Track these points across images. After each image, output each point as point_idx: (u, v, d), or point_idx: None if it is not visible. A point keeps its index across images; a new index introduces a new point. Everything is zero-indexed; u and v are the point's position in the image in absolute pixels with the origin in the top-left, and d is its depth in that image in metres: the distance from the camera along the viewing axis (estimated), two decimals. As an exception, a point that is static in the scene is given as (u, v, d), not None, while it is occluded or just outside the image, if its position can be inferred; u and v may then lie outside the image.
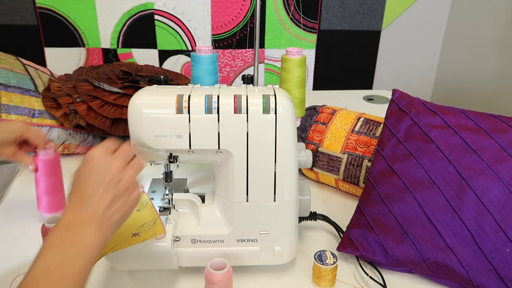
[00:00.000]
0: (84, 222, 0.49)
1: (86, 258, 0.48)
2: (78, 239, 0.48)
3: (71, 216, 0.49)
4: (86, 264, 0.48)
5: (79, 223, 0.49)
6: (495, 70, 1.41)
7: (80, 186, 0.51)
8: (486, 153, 0.68)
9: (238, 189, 0.65)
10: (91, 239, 0.49)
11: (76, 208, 0.50)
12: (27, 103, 1.01)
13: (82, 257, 0.48)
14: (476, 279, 0.64)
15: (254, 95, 0.63)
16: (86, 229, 0.49)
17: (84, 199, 0.50)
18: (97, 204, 0.50)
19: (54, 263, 0.46)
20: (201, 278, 0.68)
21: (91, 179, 0.51)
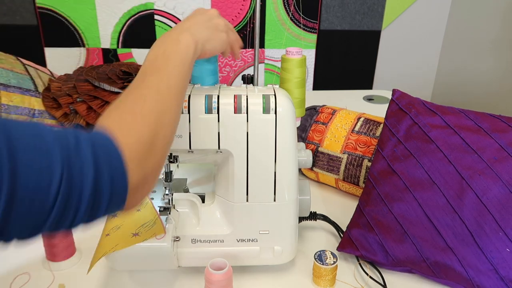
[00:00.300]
0: (181, 32, 0.55)
1: (187, 53, 0.54)
2: (179, 38, 0.54)
3: (171, 30, 0.56)
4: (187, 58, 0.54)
5: (177, 33, 0.55)
6: (495, 70, 1.41)
7: (181, 22, 0.58)
8: (486, 153, 0.68)
9: (238, 189, 0.65)
10: (189, 41, 0.55)
11: (177, 26, 0.57)
12: (27, 103, 1.01)
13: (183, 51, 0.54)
14: (476, 279, 0.64)
15: (254, 95, 0.64)
16: (182, 37, 0.55)
17: (184, 27, 0.56)
18: (195, 29, 0.57)
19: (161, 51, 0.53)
20: (201, 278, 0.68)
21: (193, 16, 0.59)
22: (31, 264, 0.71)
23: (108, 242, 0.61)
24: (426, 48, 1.66)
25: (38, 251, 0.72)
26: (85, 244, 0.75)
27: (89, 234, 0.76)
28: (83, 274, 0.69)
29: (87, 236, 0.76)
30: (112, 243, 0.60)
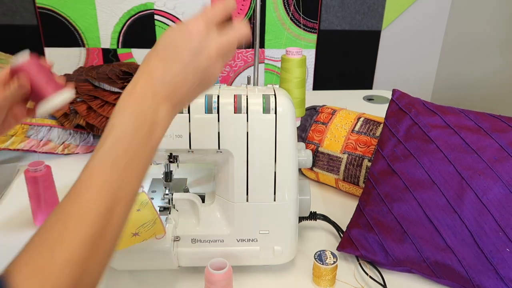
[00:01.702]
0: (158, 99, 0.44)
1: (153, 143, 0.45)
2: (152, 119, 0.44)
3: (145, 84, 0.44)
4: (151, 152, 0.45)
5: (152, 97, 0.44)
6: (495, 70, 1.41)
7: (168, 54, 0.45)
8: (486, 153, 0.68)
9: (238, 189, 0.65)
10: (162, 121, 0.45)
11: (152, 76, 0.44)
12: (27, 103, 1.01)
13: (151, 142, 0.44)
14: (476, 279, 0.64)
15: (254, 95, 0.64)
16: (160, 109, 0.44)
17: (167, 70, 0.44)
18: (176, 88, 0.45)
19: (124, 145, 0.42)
20: (201, 278, 0.68)
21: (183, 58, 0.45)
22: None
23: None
24: (426, 48, 1.66)
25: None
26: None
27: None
28: (83, 274, 0.69)
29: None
30: (112, 243, 0.60)
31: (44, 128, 1.01)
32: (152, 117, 0.44)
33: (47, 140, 1.02)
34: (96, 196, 0.40)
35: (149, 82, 0.44)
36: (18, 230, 0.80)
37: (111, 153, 0.42)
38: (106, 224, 0.40)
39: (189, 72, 0.45)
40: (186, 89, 0.46)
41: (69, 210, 0.40)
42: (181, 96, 0.46)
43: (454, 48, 1.60)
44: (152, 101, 0.44)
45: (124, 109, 0.44)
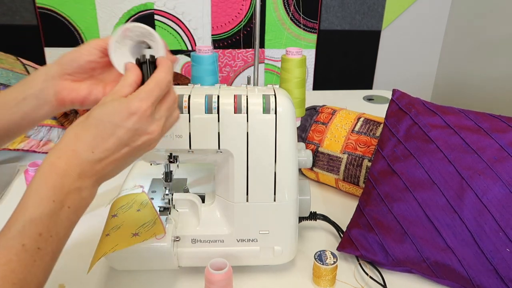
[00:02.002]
0: (83, 178, 0.42)
1: (74, 221, 0.43)
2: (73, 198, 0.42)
3: (71, 162, 0.42)
4: (70, 229, 0.43)
5: (77, 176, 0.42)
6: (495, 70, 1.41)
7: (99, 130, 0.43)
8: (486, 153, 0.68)
9: (238, 189, 0.65)
10: (84, 201, 0.43)
11: (80, 154, 0.42)
12: (27, 103, 1.01)
13: (71, 221, 0.42)
14: (476, 279, 0.64)
15: (254, 95, 0.63)
16: (83, 189, 0.43)
17: (97, 149, 0.43)
18: (108, 164, 0.44)
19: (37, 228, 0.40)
20: (201, 278, 0.68)
21: (120, 134, 0.43)
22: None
23: (108, 242, 0.61)
24: (426, 48, 1.66)
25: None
26: (84, 244, 0.75)
27: (89, 234, 0.77)
28: (83, 274, 0.69)
29: (87, 236, 0.76)
30: (112, 243, 0.60)
31: (44, 128, 1.01)
32: (73, 198, 0.42)
33: (47, 140, 1.02)
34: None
35: (75, 159, 0.42)
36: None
37: (22, 237, 0.39)
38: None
39: (124, 151, 0.44)
40: (116, 166, 0.45)
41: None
42: (109, 173, 0.45)
43: (454, 48, 1.60)
44: (76, 182, 0.42)
45: (41, 187, 0.41)
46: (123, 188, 0.74)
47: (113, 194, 0.77)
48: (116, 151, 0.44)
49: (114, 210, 0.68)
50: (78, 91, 0.54)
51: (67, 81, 0.54)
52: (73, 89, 0.54)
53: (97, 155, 0.43)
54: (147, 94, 0.45)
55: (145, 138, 0.45)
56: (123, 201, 0.70)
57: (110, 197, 0.73)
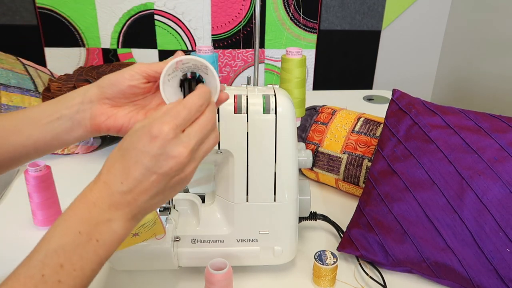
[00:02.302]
0: (114, 210, 0.41)
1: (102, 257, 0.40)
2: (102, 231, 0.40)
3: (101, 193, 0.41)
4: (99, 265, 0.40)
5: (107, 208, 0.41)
6: (495, 70, 1.41)
7: (126, 159, 0.41)
8: (486, 153, 0.68)
9: (238, 189, 0.65)
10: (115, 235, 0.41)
11: (110, 185, 0.41)
12: (27, 103, 1.01)
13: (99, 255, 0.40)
14: (476, 279, 0.64)
15: (254, 95, 0.63)
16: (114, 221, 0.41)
17: (125, 180, 0.41)
18: (138, 195, 0.41)
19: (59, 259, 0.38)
20: (201, 278, 0.68)
21: (145, 161, 0.40)
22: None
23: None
24: (426, 48, 1.66)
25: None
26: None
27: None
28: (83, 274, 0.69)
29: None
30: (112, 243, 0.60)
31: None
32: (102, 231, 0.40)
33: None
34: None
35: (106, 190, 0.41)
36: (18, 230, 0.80)
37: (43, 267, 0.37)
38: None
39: (152, 179, 0.41)
40: (149, 197, 0.42)
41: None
42: (142, 205, 0.42)
43: (454, 48, 1.60)
44: (105, 214, 0.40)
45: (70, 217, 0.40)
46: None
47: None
48: (144, 180, 0.41)
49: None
50: (115, 119, 0.51)
51: (106, 106, 0.51)
52: (111, 115, 0.51)
53: (126, 185, 0.41)
54: (169, 116, 0.41)
55: (172, 163, 0.41)
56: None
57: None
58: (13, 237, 0.78)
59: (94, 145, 1.07)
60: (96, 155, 1.07)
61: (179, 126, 0.41)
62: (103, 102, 0.51)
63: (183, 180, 0.44)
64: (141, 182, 0.41)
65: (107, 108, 0.51)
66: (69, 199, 0.92)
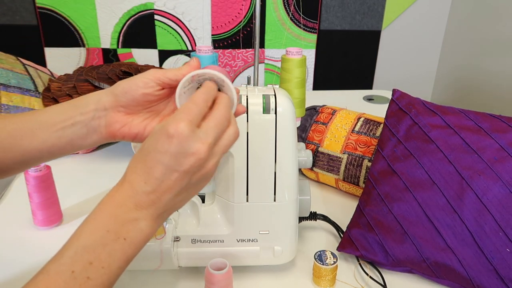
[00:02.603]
0: (139, 209, 0.42)
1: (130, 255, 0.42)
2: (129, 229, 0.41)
3: (126, 193, 0.42)
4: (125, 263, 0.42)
5: (133, 207, 0.42)
6: (495, 70, 1.41)
7: (147, 160, 0.42)
8: (486, 153, 0.68)
9: (238, 189, 0.65)
10: (141, 233, 0.42)
11: (134, 185, 0.42)
12: (27, 103, 1.01)
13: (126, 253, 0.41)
14: (476, 279, 0.64)
15: (254, 95, 0.63)
16: (140, 220, 0.42)
17: (148, 180, 0.42)
18: (161, 194, 0.42)
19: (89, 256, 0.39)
20: (201, 278, 0.68)
21: (164, 160, 0.41)
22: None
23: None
24: (426, 48, 1.66)
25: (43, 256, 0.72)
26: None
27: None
28: (83, 274, 0.69)
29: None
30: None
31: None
32: (129, 230, 0.41)
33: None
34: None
35: (131, 190, 0.42)
36: (18, 230, 0.80)
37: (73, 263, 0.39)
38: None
39: (174, 177, 0.42)
40: (173, 195, 0.43)
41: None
42: (168, 204, 0.43)
43: (454, 48, 1.60)
44: (132, 213, 0.42)
45: (98, 216, 0.41)
46: (123, 188, 0.74)
47: (113, 194, 0.77)
48: (166, 179, 0.42)
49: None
50: (130, 127, 0.51)
51: (120, 114, 0.51)
52: (126, 123, 0.51)
53: (150, 185, 0.42)
54: (184, 114, 0.42)
55: (192, 160, 0.42)
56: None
57: (110, 197, 0.73)
58: (13, 237, 0.78)
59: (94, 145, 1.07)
60: (96, 155, 1.07)
61: (192, 121, 0.42)
62: (117, 110, 0.51)
63: (205, 176, 0.44)
64: (163, 181, 0.42)
65: (122, 116, 0.51)
66: (69, 199, 0.93)
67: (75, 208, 0.85)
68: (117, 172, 1.00)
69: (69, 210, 0.85)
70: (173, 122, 0.41)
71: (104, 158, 1.04)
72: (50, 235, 0.78)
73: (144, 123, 0.52)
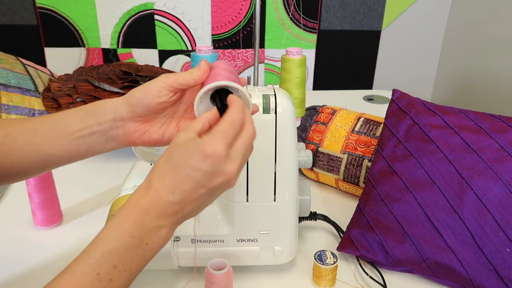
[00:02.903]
0: (164, 217, 0.43)
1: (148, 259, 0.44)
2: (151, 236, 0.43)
3: (153, 201, 0.43)
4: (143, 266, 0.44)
5: (158, 215, 0.43)
6: (495, 70, 1.41)
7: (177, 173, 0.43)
8: (486, 153, 0.68)
9: (238, 189, 0.65)
10: (162, 240, 0.44)
11: (162, 195, 0.43)
12: (27, 103, 1.01)
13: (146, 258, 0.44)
14: (476, 279, 0.64)
15: (254, 95, 0.63)
16: (162, 228, 0.44)
17: (176, 191, 0.43)
18: (186, 205, 0.44)
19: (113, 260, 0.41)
20: (201, 278, 0.68)
21: (196, 176, 0.43)
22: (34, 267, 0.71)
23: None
24: (426, 48, 1.66)
25: (44, 258, 0.72)
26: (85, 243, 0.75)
27: (90, 234, 0.76)
28: (83, 274, 0.69)
29: (87, 236, 0.76)
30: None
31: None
32: (151, 236, 0.43)
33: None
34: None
35: (157, 199, 0.43)
36: (18, 230, 0.80)
37: (99, 266, 0.41)
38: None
39: (201, 192, 0.44)
40: (195, 206, 0.45)
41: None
42: (188, 214, 0.45)
43: (454, 48, 1.60)
44: (156, 221, 0.43)
45: (124, 222, 0.43)
46: (123, 188, 0.74)
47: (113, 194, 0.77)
48: (194, 193, 0.44)
49: (114, 210, 0.68)
50: (150, 134, 0.53)
51: (138, 123, 0.53)
52: (144, 132, 0.53)
53: (177, 197, 0.43)
54: (221, 135, 0.43)
55: (222, 179, 0.44)
56: (123, 201, 0.70)
57: (110, 197, 0.73)
58: (13, 237, 0.78)
59: (94, 145, 1.07)
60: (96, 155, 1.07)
61: (230, 145, 0.44)
62: (134, 120, 0.52)
63: (226, 189, 0.46)
64: (191, 194, 0.44)
65: (140, 125, 0.53)
66: (69, 199, 0.92)
67: (75, 208, 0.85)
68: (117, 172, 1.00)
69: (69, 210, 0.85)
70: (212, 143, 0.42)
71: (104, 158, 1.04)
72: (50, 235, 0.78)
73: (162, 129, 0.53)
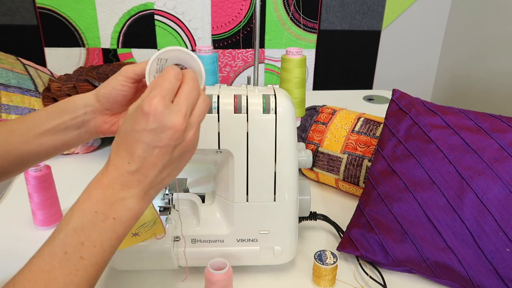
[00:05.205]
0: (126, 189, 0.43)
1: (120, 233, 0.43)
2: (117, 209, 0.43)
3: (112, 176, 0.43)
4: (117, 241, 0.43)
5: (120, 188, 0.43)
6: (495, 70, 1.41)
7: (127, 141, 0.43)
8: (486, 153, 0.68)
9: (238, 189, 0.65)
10: (130, 212, 0.44)
11: (119, 167, 0.43)
12: (27, 103, 1.01)
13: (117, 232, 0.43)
14: (476, 279, 0.64)
15: (254, 95, 0.64)
16: (127, 199, 0.43)
17: (131, 159, 0.43)
18: (146, 171, 0.43)
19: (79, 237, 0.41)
20: (201, 278, 0.68)
21: (143, 138, 0.42)
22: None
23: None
24: (426, 48, 1.66)
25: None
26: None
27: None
28: (83, 274, 0.69)
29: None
30: (112, 243, 0.60)
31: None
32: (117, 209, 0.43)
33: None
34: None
35: (116, 172, 0.43)
36: (18, 230, 0.80)
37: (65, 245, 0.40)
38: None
39: (155, 153, 0.43)
40: (158, 171, 0.44)
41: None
42: (154, 180, 0.44)
43: (454, 48, 1.60)
44: (119, 192, 0.43)
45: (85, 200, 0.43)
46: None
47: (113, 194, 0.76)
48: (149, 156, 0.43)
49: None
50: (119, 124, 0.56)
51: (107, 116, 0.56)
52: (114, 122, 0.56)
53: (133, 165, 0.43)
54: (155, 91, 0.43)
55: (170, 133, 0.43)
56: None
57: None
58: (13, 237, 0.78)
59: (94, 145, 1.07)
60: (96, 155, 1.07)
61: (166, 97, 0.43)
62: (104, 112, 0.55)
63: (187, 148, 0.46)
64: (146, 159, 0.43)
65: (108, 117, 0.56)
66: (69, 199, 0.92)
67: (75, 208, 0.85)
68: (117, 172, 1.00)
69: (69, 210, 0.85)
70: (147, 100, 0.42)
71: (104, 158, 1.04)
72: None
73: None
